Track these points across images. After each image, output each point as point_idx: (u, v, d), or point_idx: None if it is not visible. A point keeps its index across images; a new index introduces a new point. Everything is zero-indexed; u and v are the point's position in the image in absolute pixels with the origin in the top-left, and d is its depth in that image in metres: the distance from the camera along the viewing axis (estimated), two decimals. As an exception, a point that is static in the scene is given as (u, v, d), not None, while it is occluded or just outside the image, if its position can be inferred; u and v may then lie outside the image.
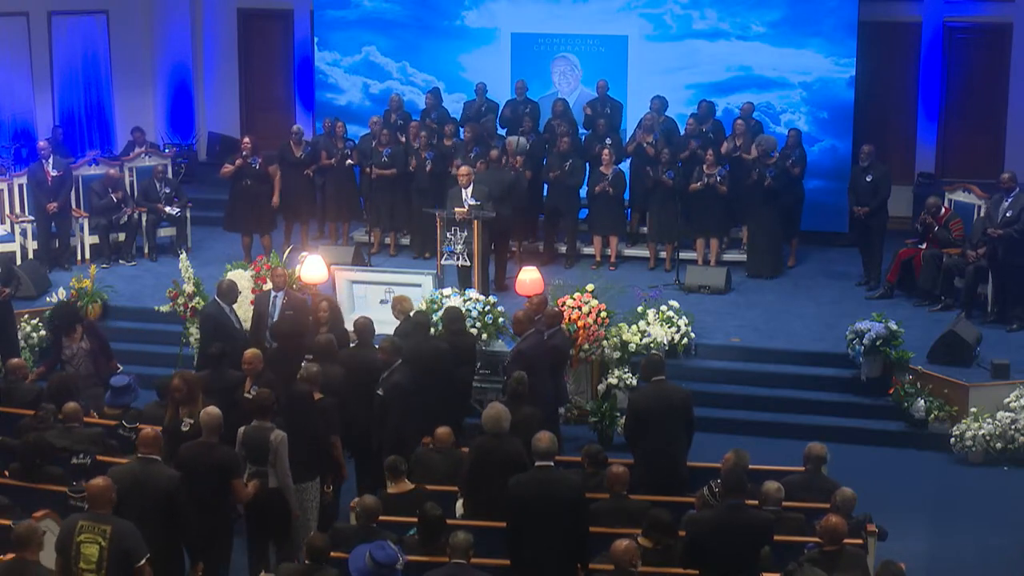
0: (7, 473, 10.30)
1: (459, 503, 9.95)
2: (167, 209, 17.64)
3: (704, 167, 16.72)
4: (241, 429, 10.05)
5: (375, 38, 19.37)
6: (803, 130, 17.82)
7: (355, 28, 19.41)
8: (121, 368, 13.18)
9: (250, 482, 9.83)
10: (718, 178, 16.65)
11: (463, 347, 12.36)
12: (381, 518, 9.16)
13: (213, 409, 9.81)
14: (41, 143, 17.64)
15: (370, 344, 11.81)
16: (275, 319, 12.93)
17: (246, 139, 17.33)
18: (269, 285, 13.73)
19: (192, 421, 10.34)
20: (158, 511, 8.87)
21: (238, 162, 16.98)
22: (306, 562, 8.47)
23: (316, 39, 19.73)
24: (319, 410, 10.53)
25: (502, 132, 17.89)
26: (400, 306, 12.51)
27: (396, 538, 8.88)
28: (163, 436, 9.81)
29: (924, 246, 15.77)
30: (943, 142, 18.99)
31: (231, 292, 13.02)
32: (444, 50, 19.11)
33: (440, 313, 13.16)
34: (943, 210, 15.88)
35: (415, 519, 9.14)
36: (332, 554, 8.61)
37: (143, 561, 8.22)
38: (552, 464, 9.23)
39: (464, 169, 15.78)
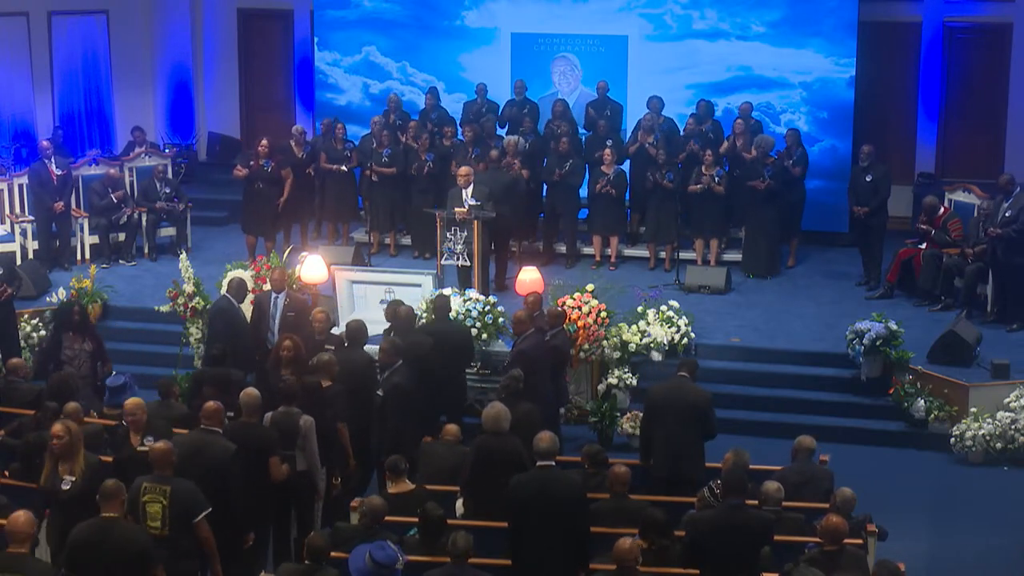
0: (7, 473, 10.30)
1: (459, 502, 9.96)
2: (158, 204, 17.58)
3: (703, 168, 16.73)
4: (268, 414, 10.37)
5: (375, 38, 19.36)
6: (803, 130, 17.81)
7: (355, 28, 19.40)
8: (114, 371, 13.21)
9: (283, 464, 10.11)
10: (715, 179, 16.65)
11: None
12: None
13: (253, 391, 10.24)
14: (44, 142, 17.63)
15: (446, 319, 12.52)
16: (277, 321, 12.99)
17: (264, 141, 17.22)
18: (268, 286, 13.73)
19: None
20: (213, 481, 9.26)
21: (252, 164, 16.94)
22: (306, 562, 8.48)
23: (316, 39, 19.73)
24: (327, 399, 10.76)
25: (501, 132, 17.88)
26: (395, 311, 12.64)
27: (396, 538, 8.89)
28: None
29: (924, 246, 15.78)
30: (943, 142, 18.98)
31: (241, 289, 13.10)
32: (444, 50, 19.11)
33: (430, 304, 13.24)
34: (941, 210, 15.88)
35: (415, 519, 9.15)
36: (332, 554, 8.62)
37: (201, 516, 8.83)
38: (553, 464, 9.24)
39: (464, 169, 15.77)
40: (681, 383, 10.99)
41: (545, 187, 17.41)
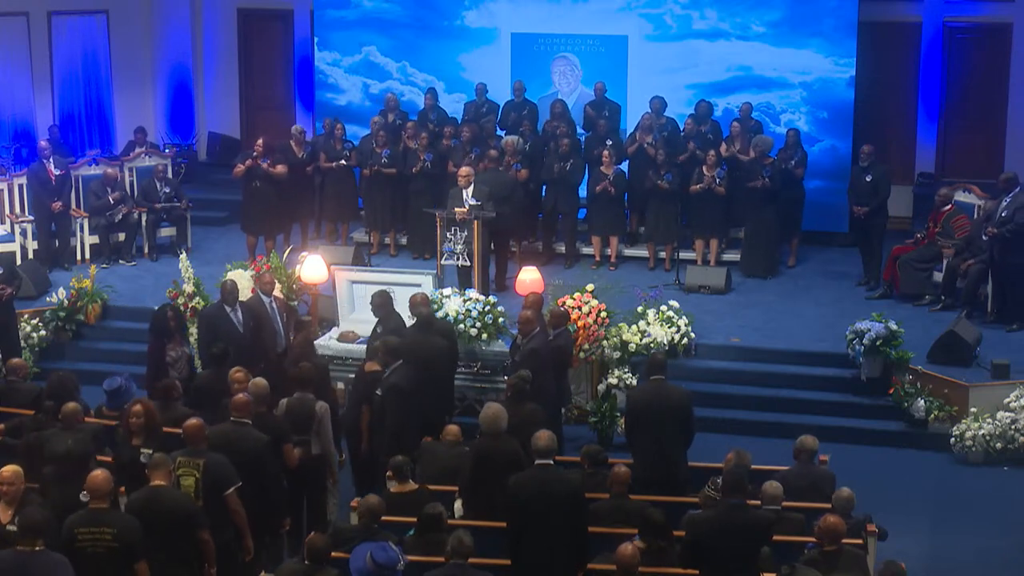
0: (7, 473, 10.28)
1: (458, 503, 9.96)
2: (158, 205, 17.58)
3: (704, 168, 16.72)
4: (283, 401, 10.66)
5: (375, 38, 19.37)
6: (803, 130, 17.81)
7: (355, 28, 19.41)
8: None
9: (295, 449, 10.36)
10: (716, 180, 16.65)
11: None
12: (383, 518, 9.19)
13: (261, 380, 10.46)
14: (42, 142, 17.64)
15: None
16: (280, 323, 13.04)
17: (259, 140, 17.23)
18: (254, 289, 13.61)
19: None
20: (249, 470, 9.54)
21: (248, 162, 16.94)
22: (306, 562, 8.48)
23: (316, 39, 19.73)
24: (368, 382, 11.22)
25: (501, 133, 17.87)
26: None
27: (396, 539, 8.88)
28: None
29: (924, 242, 15.78)
30: (943, 142, 18.98)
31: (233, 293, 13.07)
32: (444, 50, 19.11)
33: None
34: (948, 206, 15.85)
35: (416, 519, 9.16)
36: (333, 554, 8.62)
37: (231, 489, 9.25)
38: (552, 463, 9.24)
39: (464, 170, 15.78)
40: (661, 386, 10.95)
41: (544, 186, 17.39)
